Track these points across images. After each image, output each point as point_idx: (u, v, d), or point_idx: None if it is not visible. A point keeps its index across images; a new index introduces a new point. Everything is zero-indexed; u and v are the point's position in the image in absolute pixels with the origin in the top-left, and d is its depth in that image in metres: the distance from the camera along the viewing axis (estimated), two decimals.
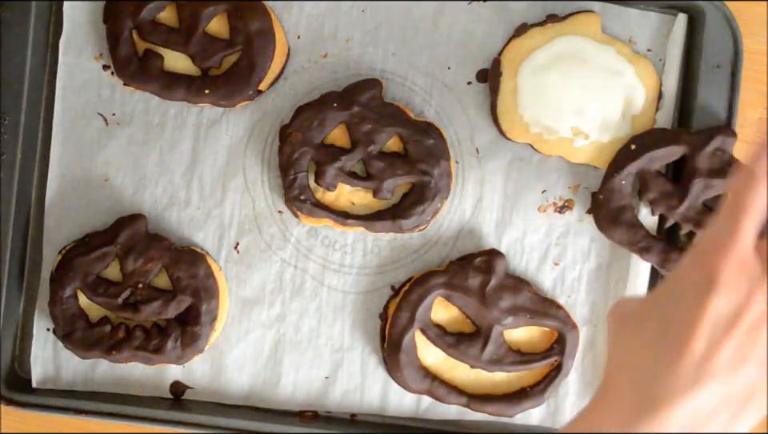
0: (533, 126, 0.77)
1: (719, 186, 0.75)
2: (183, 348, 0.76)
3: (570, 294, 0.78)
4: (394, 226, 0.76)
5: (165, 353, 0.75)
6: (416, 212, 0.76)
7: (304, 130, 0.76)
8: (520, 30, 0.77)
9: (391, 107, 0.76)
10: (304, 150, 0.76)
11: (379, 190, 0.76)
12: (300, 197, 0.76)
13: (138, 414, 0.77)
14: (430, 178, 0.75)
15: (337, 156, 0.76)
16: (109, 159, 0.79)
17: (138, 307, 0.76)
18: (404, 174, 0.76)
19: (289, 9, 0.78)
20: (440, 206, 0.76)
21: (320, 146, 0.76)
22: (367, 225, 0.76)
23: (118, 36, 0.76)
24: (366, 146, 0.76)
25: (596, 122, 0.76)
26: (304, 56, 0.79)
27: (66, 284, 0.76)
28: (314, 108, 0.76)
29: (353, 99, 0.75)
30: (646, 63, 0.77)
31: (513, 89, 0.77)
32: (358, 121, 0.75)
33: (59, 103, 0.78)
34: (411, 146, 0.76)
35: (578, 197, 0.79)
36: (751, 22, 0.79)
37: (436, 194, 0.76)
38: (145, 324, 0.76)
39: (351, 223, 0.76)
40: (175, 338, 0.76)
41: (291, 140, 0.76)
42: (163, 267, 0.76)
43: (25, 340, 0.79)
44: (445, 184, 0.76)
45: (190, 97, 0.77)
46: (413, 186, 0.76)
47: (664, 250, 0.76)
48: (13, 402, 0.77)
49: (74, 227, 0.78)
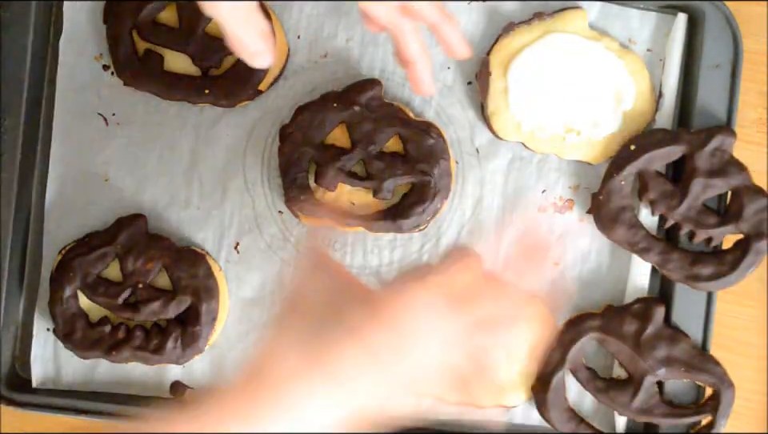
0: (524, 125, 0.77)
1: (719, 185, 0.75)
2: (183, 348, 0.76)
3: (569, 294, 0.78)
4: (394, 226, 0.76)
5: (165, 353, 0.75)
6: (416, 212, 0.75)
7: (304, 130, 0.76)
8: (507, 28, 0.77)
9: (391, 107, 0.76)
10: (304, 150, 0.76)
11: (379, 190, 0.76)
12: (300, 197, 0.76)
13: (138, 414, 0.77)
14: (429, 178, 0.75)
15: (337, 156, 0.75)
16: (109, 159, 0.79)
17: (137, 307, 0.76)
18: (404, 174, 0.75)
19: (289, 9, 0.78)
20: (440, 207, 0.76)
21: (320, 146, 0.76)
22: (367, 225, 0.76)
23: (118, 36, 0.76)
24: (366, 146, 0.75)
25: (587, 118, 0.77)
26: (304, 56, 0.79)
27: (66, 284, 0.76)
28: (313, 108, 0.76)
29: (353, 99, 0.75)
30: (635, 58, 0.77)
31: (503, 88, 0.77)
32: (358, 121, 0.75)
33: (59, 103, 0.78)
34: (411, 146, 0.75)
35: (578, 197, 0.79)
36: (751, 22, 0.79)
37: (436, 194, 0.76)
38: (145, 324, 0.76)
39: (351, 223, 0.76)
40: (175, 338, 0.76)
41: (291, 140, 0.76)
42: (163, 267, 0.76)
43: (25, 340, 0.79)
44: (445, 184, 0.76)
45: (189, 97, 0.77)
46: (413, 187, 0.76)
47: (664, 250, 0.76)
48: (13, 402, 0.77)
49: (74, 227, 0.78)
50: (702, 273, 0.75)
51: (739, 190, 0.75)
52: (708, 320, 0.77)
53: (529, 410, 0.78)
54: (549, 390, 0.76)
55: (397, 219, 0.76)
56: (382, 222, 0.76)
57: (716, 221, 0.75)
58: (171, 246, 0.76)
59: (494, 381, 0.65)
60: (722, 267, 0.75)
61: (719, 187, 0.75)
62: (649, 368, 0.75)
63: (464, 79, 0.78)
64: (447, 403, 0.78)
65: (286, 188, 0.76)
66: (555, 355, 0.76)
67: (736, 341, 0.80)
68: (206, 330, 0.76)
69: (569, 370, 0.76)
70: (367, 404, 0.56)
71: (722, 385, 0.75)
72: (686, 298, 0.77)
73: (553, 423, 0.76)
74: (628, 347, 0.75)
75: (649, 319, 0.75)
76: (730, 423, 0.77)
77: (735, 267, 0.75)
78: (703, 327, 0.77)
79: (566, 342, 0.76)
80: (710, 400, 0.76)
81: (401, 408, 0.73)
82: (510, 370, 0.77)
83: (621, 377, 0.77)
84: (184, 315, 0.76)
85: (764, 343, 0.80)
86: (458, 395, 0.71)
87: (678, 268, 0.75)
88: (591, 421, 0.78)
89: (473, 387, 0.65)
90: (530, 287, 0.64)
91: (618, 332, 0.75)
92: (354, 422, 0.55)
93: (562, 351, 0.76)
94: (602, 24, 0.78)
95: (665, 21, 0.78)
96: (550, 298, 0.75)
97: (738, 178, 0.75)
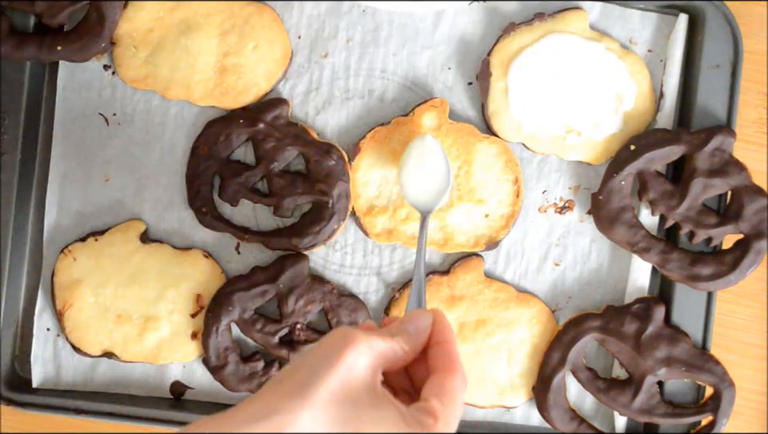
0: (525, 125, 0.77)
1: (719, 185, 0.75)
2: None
3: (570, 294, 0.79)
4: (290, 244, 0.76)
5: None
6: (311, 232, 0.76)
7: (210, 145, 0.77)
8: (508, 29, 0.77)
9: (295, 127, 0.76)
10: (209, 165, 0.77)
11: (279, 208, 0.76)
12: (202, 209, 0.77)
13: (138, 414, 0.77)
14: (328, 198, 0.76)
15: (240, 172, 0.76)
16: (109, 159, 0.79)
17: (294, 347, 0.76)
18: (303, 193, 0.76)
19: (289, 9, 0.78)
20: (336, 228, 0.76)
21: (225, 161, 0.77)
22: (265, 241, 0.76)
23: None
24: (269, 164, 0.76)
25: (588, 119, 0.77)
26: (304, 56, 0.79)
27: (224, 317, 0.76)
28: (221, 123, 0.77)
29: (258, 117, 0.76)
30: (636, 59, 0.77)
31: (503, 89, 0.77)
32: (262, 138, 0.76)
33: (60, 103, 0.78)
34: (312, 166, 0.76)
35: (579, 197, 0.79)
36: (751, 22, 0.79)
37: (333, 215, 0.76)
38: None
39: (249, 239, 0.77)
40: None
41: (197, 153, 0.77)
42: (322, 310, 0.77)
43: (25, 340, 0.79)
44: (343, 206, 0.76)
45: (42, 54, 0.75)
46: (312, 206, 0.77)
47: (664, 250, 0.76)
48: (13, 402, 0.77)
49: (74, 227, 0.78)
50: (702, 273, 0.75)
51: (739, 190, 0.75)
52: (708, 320, 0.77)
53: (529, 410, 0.78)
54: (549, 390, 0.76)
55: (293, 238, 0.76)
56: (278, 239, 0.76)
57: (716, 221, 0.75)
58: (333, 290, 0.77)
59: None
60: (722, 267, 0.75)
61: (719, 187, 0.75)
62: (649, 368, 0.75)
63: (465, 80, 0.78)
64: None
65: (189, 199, 0.77)
66: (556, 355, 0.76)
67: (736, 341, 0.80)
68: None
69: (569, 370, 0.76)
70: None
71: (723, 385, 0.75)
72: (686, 298, 0.77)
73: (553, 424, 0.76)
74: (628, 347, 0.75)
75: (649, 319, 0.75)
76: (730, 422, 0.77)
77: (735, 267, 0.75)
78: (703, 327, 0.77)
79: (566, 342, 0.76)
80: (710, 400, 0.76)
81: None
82: (511, 370, 0.77)
83: (621, 377, 0.77)
84: None
85: (764, 343, 0.80)
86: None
87: (678, 268, 0.75)
88: (592, 421, 0.78)
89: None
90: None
91: (618, 332, 0.75)
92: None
93: (563, 351, 0.76)
94: (602, 25, 0.78)
95: (665, 21, 0.78)
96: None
97: (738, 178, 0.75)
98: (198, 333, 0.77)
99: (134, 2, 0.77)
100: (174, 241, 0.78)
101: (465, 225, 0.77)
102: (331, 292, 0.77)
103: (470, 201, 0.77)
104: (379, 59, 0.79)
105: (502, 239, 0.77)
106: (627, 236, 0.76)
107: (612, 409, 0.77)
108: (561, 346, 0.76)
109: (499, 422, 0.78)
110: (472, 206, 0.77)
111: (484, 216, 0.77)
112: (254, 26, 0.77)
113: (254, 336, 0.76)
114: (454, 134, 0.77)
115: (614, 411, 0.77)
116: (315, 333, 0.77)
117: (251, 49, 0.77)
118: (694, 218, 0.75)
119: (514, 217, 0.77)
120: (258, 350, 0.78)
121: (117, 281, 0.77)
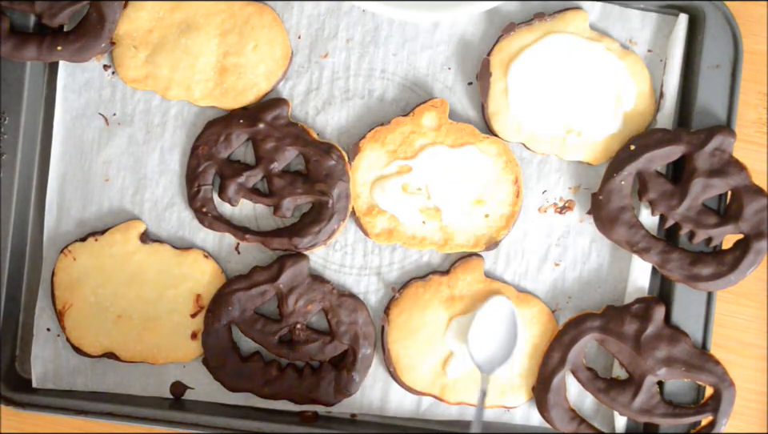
0: (525, 125, 0.77)
1: (719, 185, 0.75)
2: (335, 392, 0.76)
3: (570, 294, 0.79)
4: (290, 244, 0.76)
5: (318, 395, 0.76)
6: (312, 232, 0.76)
7: (210, 145, 0.77)
8: (508, 29, 0.77)
9: (296, 127, 0.76)
10: (209, 164, 0.77)
11: (279, 208, 0.76)
12: (202, 209, 0.77)
13: (138, 414, 0.77)
14: (327, 198, 0.76)
15: (240, 172, 0.76)
16: (109, 159, 0.79)
17: (294, 347, 0.76)
18: (303, 193, 0.76)
19: (289, 9, 0.78)
20: (336, 228, 0.76)
21: (225, 162, 0.77)
22: (265, 241, 0.76)
23: None
24: (269, 164, 0.76)
25: (587, 119, 0.77)
26: (304, 56, 0.79)
27: (224, 317, 0.76)
28: (221, 123, 0.77)
29: (258, 117, 0.76)
30: (636, 59, 0.77)
31: (503, 89, 0.77)
32: (262, 138, 0.76)
33: (60, 103, 0.78)
34: (312, 166, 0.76)
35: (579, 198, 0.79)
36: (751, 22, 0.79)
37: (333, 215, 0.76)
38: (297, 364, 0.77)
39: (249, 239, 0.76)
40: (329, 381, 0.76)
41: (197, 153, 0.77)
42: (322, 310, 0.77)
43: (25, 340, 0.79)
44: (343, 206, 0.76)
45: (42, 54, 0.76)
46: (312, 206, 0.77)
47: (664, 250, 0.76)
48: (13, 402, 0.77)
49: (74, 227, 0.78)
50: (702, 273, 0.75)
51: (739, 190, 0.75)
52: (708, 320, 0.77)
53: (529, 410, 0.78)
54: (549, 390, 0.76)
55: (293, 238, 0.76)
56: (278, 239, 0.76)
57: (716, 221, 0.75)
58: (333, 290, 0.77)
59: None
60: (722, 267, 0.75)
61: (719, 187, 0.75)
62: (649, 368, 0.75)
63: (465, 80, 0.78)
64: (447, 402, 0.78)
65: (189, 199, 0.77)
66: (556, 355, 0.76)
67: (736, 341, 0.80)
68: (361, 376, 0.76)
69: (569, 370, 0.76)
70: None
71: (723, 384, 0.75)
72: (686, 298, 0.77)
73: (553, 424, 0.76)
74: (628, 347, 0.75)
75: (649, 319, 0.75)
76: (730, 422, 0.77)
77: (735, 267, 0.75)
78: (703, 327, 0.77)
79: (566, 342, 0.76)
80: (710, 400, 0.76)
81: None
82: (511, 370, 0.77)
83: (621, 377, 0.77)
84: (338, 358, 0.77)
85: (764, 343, 0.80)
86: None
87: (678, 268, 0.75)
88: (592, 421, 0.78)
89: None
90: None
91: (618, 332, 0.75)
92: None
93: (563, 351, 0.76)
94: (602, 25, 0.78)
95: (665, 21, 0.78)
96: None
97: (738, 178, 0.75)
98: (198, 333, 0.77)
99: (133, 1, 0.77)
100: (173, 241, 0.78)
101: (465, 225, 0.77)
102: (331, 292, 0.77)
103: (469, 201, 0.77)
104: (379, 59, 0.79)
105: (502, 239, 0.77)
106: (627, 236, 0.76)
107: (612, 409, 0.77)
108: (561, 346, 0.76)
109: (499, 422, 0.78)
110: (472, 206, 0.77)
111: (484, 216, 0.77)
112: (254, 26, 0.77)
113: (253, 336, 0.76)
114: (454, 134, 0.77)
115: (614, 412, 0.77)
116: (315, 333, 0.77)
117: (251, 49, 0.77)
118: (693, 218, 0.75)
119: (514, 217, 0.77)
120: (257, 350, 0.78)
121: (117, 281, 0.77)
